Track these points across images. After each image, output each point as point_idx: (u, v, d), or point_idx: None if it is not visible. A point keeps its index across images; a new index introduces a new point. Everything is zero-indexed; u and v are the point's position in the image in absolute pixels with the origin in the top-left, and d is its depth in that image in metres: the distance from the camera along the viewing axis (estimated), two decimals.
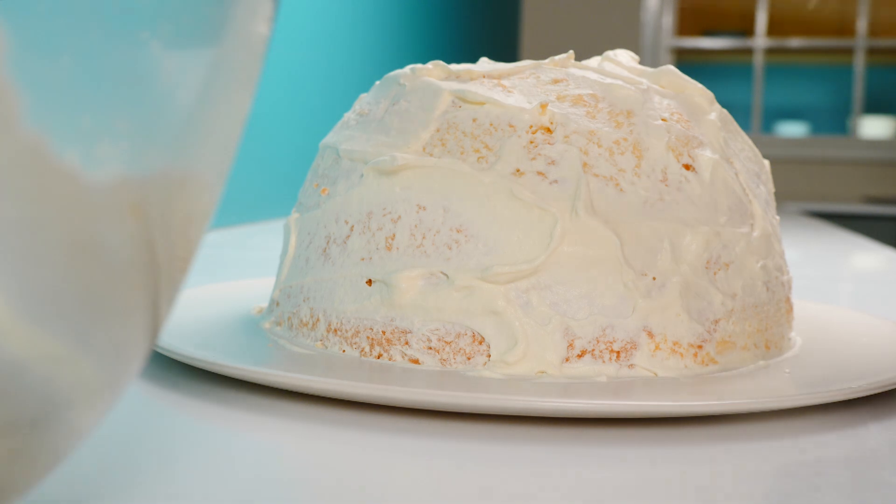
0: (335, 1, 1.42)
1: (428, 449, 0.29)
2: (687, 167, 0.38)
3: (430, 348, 0.36)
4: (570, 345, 0.36)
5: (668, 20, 3.69)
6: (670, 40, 3.72)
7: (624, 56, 0.44)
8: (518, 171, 0.37)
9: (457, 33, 2.41)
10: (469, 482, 0.27)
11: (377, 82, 0.45)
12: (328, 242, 0.40)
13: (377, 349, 0.37)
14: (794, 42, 3.81)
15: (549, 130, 0.38)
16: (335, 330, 0.38)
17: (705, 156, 0.39)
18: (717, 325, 0.38)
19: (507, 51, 3.23)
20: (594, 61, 0.44)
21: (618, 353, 0.36)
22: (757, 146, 0.44)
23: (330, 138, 0.44)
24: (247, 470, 0.27)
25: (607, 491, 0.26)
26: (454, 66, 0.42)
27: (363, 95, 0.45)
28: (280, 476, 0.27)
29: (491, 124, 0.38)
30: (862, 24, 3.73)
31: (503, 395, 0.32)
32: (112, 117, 0.14)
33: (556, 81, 0.40)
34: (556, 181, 0.37)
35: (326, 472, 0.27)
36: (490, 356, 0.36)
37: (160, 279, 0.17)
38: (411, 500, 0.25)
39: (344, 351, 0.38)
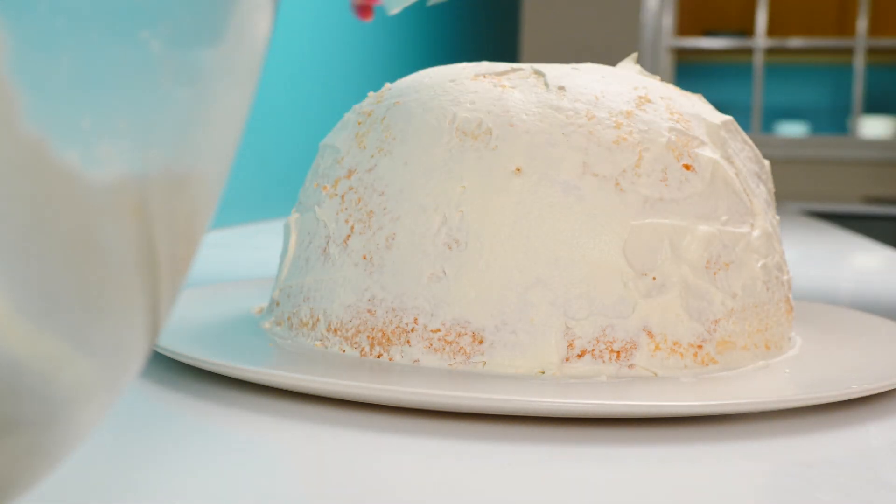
0: (335, 1, 1.42)
1: (427, 449, 0.29)
2: (687, 167, 0.38)
3: (430, 348, 0.36)
4: (570, 345, 0.36)
5: (668, 20, 3.69)
6: (670, 40, 3.72)
7: (628, 65, 0.44)
8: (518, 170, 0.37)
9: (457, 34, 2.41)
10: (469, 482, 0.27)
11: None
12: (328, 242, 0.40)
13: (377, 349, 0.37)
14: (794, 42, 3.81)
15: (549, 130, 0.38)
16: (335, 330, 0.38)
17: (705, 156, 0.39)
18: (717, 325, 0.38)
19: (507, 51, 3.24)
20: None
21: (618, 353, 0.36)
22: (757, 146, 0.44)
23: (330, 138, 0.44)
24: (247, 470, 0.27)
25: (607, 491, 0.27)
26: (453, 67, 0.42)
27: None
28: (280, 476, 0.27)
29: (492, 124, 0.38)
30: (862, 24, 3.73)
31: (503, 395, 0.32)
32: (112, 117, 0.14)
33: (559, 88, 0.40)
34: (556, 181, 0.37)
35: (326, 472, 0.27)
36: (490, 356, 0.36)
37: (160, 279, 0.17)
38: (411, 500, 0.25)
39: (344, 351, 0.38)
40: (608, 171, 0.37)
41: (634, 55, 0.46)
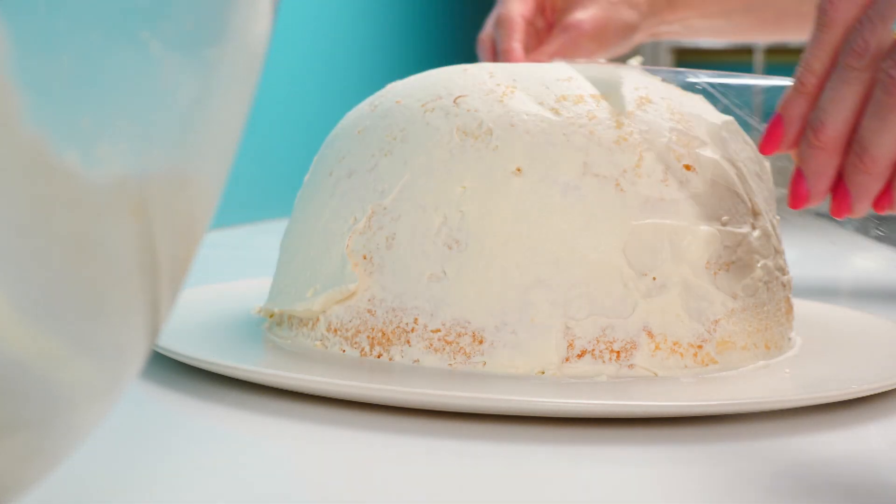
0: (335, 1, 1.42)
1: (428, 448, 0.29)
2: (687, 167, 0.38)
3: (430, 348, 0.36)
4: (570, 345, 0.36)
5: None
6: (670, 40, 3.72)
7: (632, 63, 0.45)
8: (519, 170, 0.37)
9: (457, 33, 2.41)
10: (469, 481, 0.27)
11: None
12: None
13: (377, 349, 0.37)
14: (795, 41, 3.81)
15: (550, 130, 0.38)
16: (335, 330, 0.38)
17: (706, 156, 0.39)
18: (717, 325, 0.37)
19: None
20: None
21: (618, 352, 0.36)
22: None
23: (331, 138, 0.44)
24: (247, 469, 0.27)
25: (607, 491, 0.26)
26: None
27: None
28: (280, 475, 0.27)
29: (493, 124, 0.38)
30: None
31: (503, 395, 0.32)
32: (112, 117, 0.14)
33: (559, 80, 0.40)
34: (556, 181, 0.37)
35: (326, 472, 0.27)
36: (490, 356, 0.36)
37: (160, 279, 0.17)
38: (411, 500, 0.25)
39: (344, 351, 0.38)
40: (608, 172, 0.37)
41: (639, 58, 0.46)
